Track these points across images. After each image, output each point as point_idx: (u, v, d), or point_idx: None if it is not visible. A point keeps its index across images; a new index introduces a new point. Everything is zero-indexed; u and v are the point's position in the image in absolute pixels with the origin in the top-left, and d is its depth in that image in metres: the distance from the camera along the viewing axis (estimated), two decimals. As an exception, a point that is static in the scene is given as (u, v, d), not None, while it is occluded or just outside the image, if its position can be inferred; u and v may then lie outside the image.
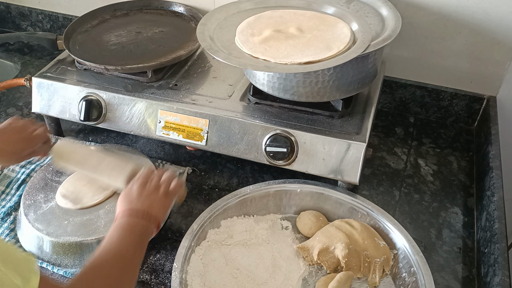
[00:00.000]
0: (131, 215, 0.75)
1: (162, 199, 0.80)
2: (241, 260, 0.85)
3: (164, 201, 0.80)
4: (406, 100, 1.21)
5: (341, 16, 0.98)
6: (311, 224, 0.90)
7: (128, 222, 0.74)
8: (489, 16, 1.04)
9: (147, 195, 0.78)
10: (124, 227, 0.73)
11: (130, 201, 0.78)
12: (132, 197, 0.78)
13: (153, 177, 0.83)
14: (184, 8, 1.25)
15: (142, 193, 0.79)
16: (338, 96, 0.95)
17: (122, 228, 0.72)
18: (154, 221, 0.76)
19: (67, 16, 1.45)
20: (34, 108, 1.10)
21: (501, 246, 0.81)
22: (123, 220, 0.74)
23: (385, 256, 0.83)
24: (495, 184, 0.92)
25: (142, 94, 1.02)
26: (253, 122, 0.95)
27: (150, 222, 0.76)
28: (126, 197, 0.79)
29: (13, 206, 0.96)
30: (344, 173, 0.92)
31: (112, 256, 0.68)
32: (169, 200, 0.81)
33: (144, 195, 0.78)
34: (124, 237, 0.71)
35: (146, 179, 0.82)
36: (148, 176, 0.83)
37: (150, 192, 0.79)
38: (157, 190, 0.80)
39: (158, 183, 0.82)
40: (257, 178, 1.03)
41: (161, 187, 0.81)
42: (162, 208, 0.80)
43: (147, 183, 0.81)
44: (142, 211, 0.75)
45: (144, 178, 0.82)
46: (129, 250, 0.70)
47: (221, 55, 0.88)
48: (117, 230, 0.72)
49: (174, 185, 0.83)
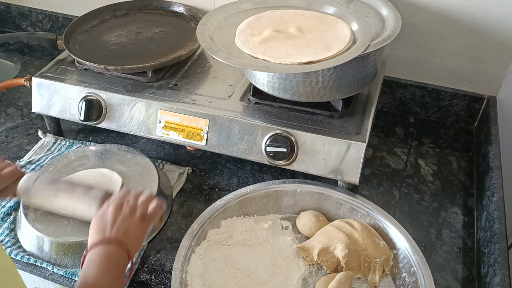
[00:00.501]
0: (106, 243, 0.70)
1: (139, 225, 0.74)
2: (241, 260, 0.85)
3: (141, 227, 0.74)
4: (406, 100, 1.21)
5: (341, 16, 0.98)
6: (311, 224, 0.90)
7: (104, 255, 0.69)
8: (489, 16, 1.04)
9: (122, 220, 0.73)
10: (100, 261, 0.68)
11: (104, 227, 0.72)
12: (106, 222, 0.72)
13: (129, 198, 0.77)
14: (184, 8, 1.25)
15: (117, 217, 0.73)
16: (338, 96, 0.95)
17: (98, 263, 0.67)
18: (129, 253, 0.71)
19: (67, 16, 1.45)
20: (34, 108, 1.10)
21: (501, 246, 0.81)
22: (97, 252, 0.69)
23: (385, 256, 0.83)
24: (495, 184, 0.92)
25: (142, 94, 1.02)
26: (253, 122, 0.95)
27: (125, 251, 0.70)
28: (100, 221, 0.73)
29: (13, 206, 0.96)
30: (344, 173, 0.92)
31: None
32: (145, 225, 0.75)
33: (120, 219, 0.73)
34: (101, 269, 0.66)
35: (121, 200, 0.76)
36: (124, 197, 0.77)
37: (125, 216, 0.73)
38: (133, 213, 0.74)
39: (135, 206, 0.76)
40: (257, 178, 1.03)
41: (137, 210, 0.75)
42: (138, 236, 0.74)
43: (123, 205, 0.75)
44: (117, 240, 0.70)
45: (119, 199, 0.76)
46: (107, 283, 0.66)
47: (221, 55, 0.88)
48: (93, 262, 0.67)
49: (152, 208, 0.77)
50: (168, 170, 1.04)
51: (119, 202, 0.76)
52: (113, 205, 0.75)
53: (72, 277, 0.84)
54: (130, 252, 0.71)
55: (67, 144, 1.11)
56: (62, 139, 1.13)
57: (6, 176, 0.82)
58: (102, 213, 0.74)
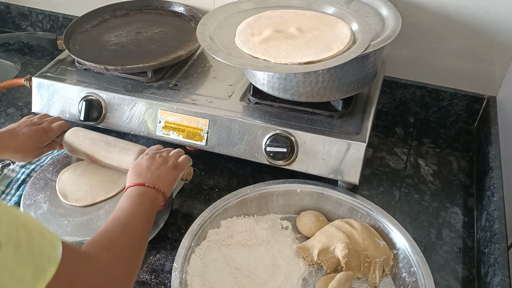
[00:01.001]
0: (140, 186, 0.78)
1: (170, 171, 0.83)
2: (241, 260, 0.85)
3: (172, 173, 0.84)
4: (406, 100, 1.21)
5: (341, 16, 0.98)
6: (311, 224, 0.90)
7: (138, 192, 0.77)
8: (489, 16, 1.04)
9: (156, 168, 0.82)
10: (134, 197, 0.76)
11: (139, 172, 0.81)
12: (142, 169, 0.82)
13: (163, 151, 0.88)
14: (184, 8, 1.25)
15: (151, 165, 0.83)
16: (338, 96, 0.95)
17: (133, 198, 0.75)
18: (162, 194, 0.79)
19: (67, 16, 1.46)
20: (34, 108, 1.10)
21: (501, 246, 0.81)
22: (132, 190, 0.77)
23: (385, 256, 0.83)
24: (495, 184, 0.92)
25: (142, 94, 1.02)
26: (253, 122, 0.95)
27: (159, 194, 0.79)
28: (136, 168, 0.83)
29: (13, 206, 0.96)
30: (344, 173, 0.92)
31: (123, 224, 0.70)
32: (177, 172, 0.85)
33: (153, 167, 0.82)
34: (134, 206, 0.74)
35: (155, 152, 0.87)
36: (157, 150, 0.88)
37: (159, 164, 0.83)
38: (165, 162, 0.84)
39: (166, 156, 0.86)
40: (257, 178, 1.03)
41: (169, 159, 0.85)
42: (170, 181, 0.83)
43: (156, 155, 0.86)
44: (151, 183, 0.79)
45: (153, 151, 0.87)
46: (139, 219, 0.72)
47: (221, 55, 0.88)
48: (127, 199, 0.75)
49: (182, 159, 0.88)
50: (168, 170, 1.04)
51: (153, 153, 0.87)
52: (148, 155, 0.86)
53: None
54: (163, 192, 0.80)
55: (67, 144, 1.11)
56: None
57: (57, 129, 0.95)
58: (138, 161, 0.85)
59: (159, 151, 0.88)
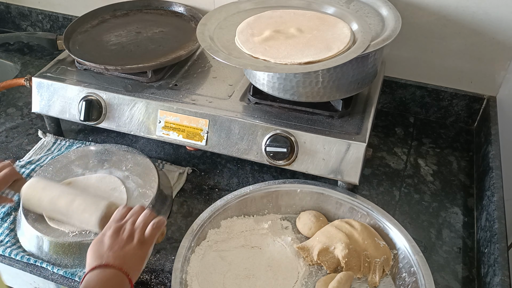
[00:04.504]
0: (104, 267, 0.69)
1: (137, 250, 0.73)
2: (241, 260, 0.85)
3: (139, 252, 0.73)
4: (406, 100, 1.21)
5: (341, 16, 0.98)
6: (311, 224, 0.90)
7: (102, 276, 0.68)
8: (489, 16, 1.04)
9: (119, 247, 0.72)
10: (98, 280, 0.67)
11: (100, 254, 0.71)
12: (103, 250, 0.71)
13: (127, 221, 0.76)
14: (184, 8, 1.25)
15: (114, 244, 0.72)
16: (338, 96, 0.95)
17: (96, 282, 0.67)
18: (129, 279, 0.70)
19: (67, 16, 1.46)
20: (34, 108, 1.10)
21: (501, 246, 0.81)
22: (95, 273, 0.68)
23: (385, 256, 0.83)
24: (495, 184, 0.92)
25: (142, 94, 1.02)
26: (253, 122, 0.95)
27: (124, 274, 0.70)
28: (97, 249, 0.72)
29: (13, 206, 0.96)
30: (344, 173, 0.92)
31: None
32: (144, 249, 0.74)
33: (116, 247, 0.72)
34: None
35: (119, 224, 0.76)
36: (121, 219, 0.77)
37: (123, 242, 0.73)
38: (131, 239, 0.74)
39: (132, 230, 0.75)
40: (257, 178, 1.03)
41: (135, 235, 0.74)
42: (137, 262, 0.73)
43: (121, 229, 0.75)
44: (117, 266, 0.69)
45: (116, 223, 0.76)
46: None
47: (221, 55, 0.88)
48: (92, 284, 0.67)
49: (150, 230, 0.76)
50: (168, 170, 1.04)
51: (117, 226, 0.75)
52: (110, 231, 0.74)
53: (72, 277, 0.84)
54: (129, 276, 0.70)
55: (67, 144, 1.11)
56: (62, 139, 1.13)
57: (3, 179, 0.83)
58: (100, 238, 0.74)
59: (123, 221, 0.76)
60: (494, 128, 1.05)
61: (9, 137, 1.15)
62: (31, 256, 0.87)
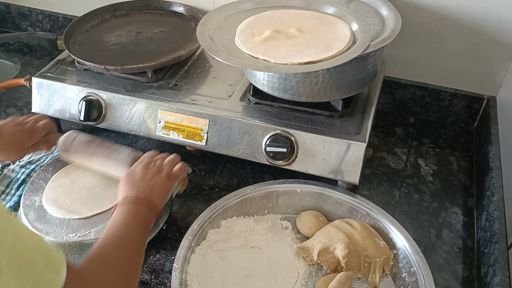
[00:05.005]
0: (134, 202, 0.75)
1: (164, 181, 0.81)
2: (241, 260, 0.85)
3: (166, 184, 0.81)
4: (406, 100, 1.21)
5: (341, 16, 0.98)
6: (311, 224, 0.90)
7: (132, 209, 0.74)
8: (489, 16, 1.04)
9: (149, 178, 0.80)
10: (127, 212, 0.73)
11: (132, 184, 0.78)
12: (135, 179, 0.79)
13: (157, 158, 0.85)
14: (184, 8, 1.25)
15: (145, 175, 0.80)
16: (338, 96, 0.95)
17: (126, 214, 0.73)
18: (155, 209, 0.77)
19: (67, 16, 1.46)
20: (34, 108, 1.10)
21: (501, 246, 0.81)
22: (126, 206, 0.75)
23: (385, 256, 0.83)
24: (495, 184, 0.92)
25: (142, 94, 1.02)
26: (253, 122, 0.95)
27: (152, 210, 0.76)
28: (129, 178, 0.80)
29: (13, 206, 0.96)
30: (344, 173, 0.92)
31: (117, 240, 0.68)
32: (171, 182, 0.82)
33: (147, 177, 0.80)
34: (128, 223, 0.71)
35: (149, 160, 0.84)
36: (152, 157, 0.85)
37: (153, 174, 0.81)
38: (159, 171, 0.82)
39: (161, 165, 0.83)
40: (257, 178, 1.03)
41: (163, 168, 0.82)
42: (163, 193, 0.80)
43: (151, 164, 0.83)
44: (144, 198, 0.76)
45: (148, 158, 0.84)
46: (132, 234, 0.70)
47: (221, 55, 0.88)
48: (121, 214, 0.73)
49: (177, 168, 0.84)
50: (168, 170, 1.04)
51: (147, 161, 0.83)
52: (142, 164, 0.83)
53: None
54: (156, 206, 0.77)
55: (67, 144, 1.11)
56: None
57: (41, 129, 0.91)
58: (132, 170, 0.82)
59: (154, 159, 0.85)
60: (494, 128, 1.05)
61: (9, 137, 1.15)
62: (31, 256, 0.87)
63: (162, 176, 0.81)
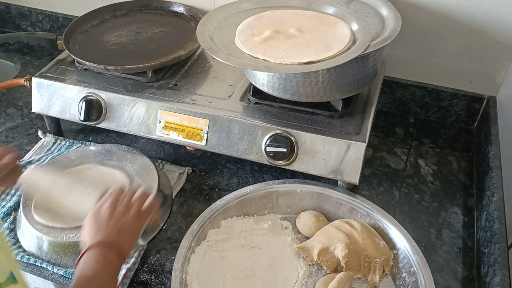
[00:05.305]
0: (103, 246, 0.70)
1: (133, 222, 0.74)
2: (241, 260, 0.85)
3: (135, 224, 0.75)
4: (406, 100, 1.21)
5: (341, 16, 0.98)
6: (311, 224, 0.90)
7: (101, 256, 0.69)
8: (489, 16, 1.04)
9: (116, 218, 0.73)
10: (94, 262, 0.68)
11: (98, 225, 0.72)
12: (101, 221, 0.73)
13: (124, 195, 0.77)
14: (184, 8, 1.25)
15: (112, 215, 0.73)
16: (338, 96, 0.95)
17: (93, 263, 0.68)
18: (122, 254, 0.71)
19: (67, 16, 1.45)
20: (34, 108, 1.10)
21: (501, 246, 0.81)
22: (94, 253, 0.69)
23: (385, 256, 0.83)
24: (495, 184, 0.92)
25: (142, 94, 1.02)
26: (253, 122, 0.95)
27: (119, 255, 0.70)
28: (95, 219, 0.73)
29: (13, 206, 0.96)
30: (344, 173, 0.92)
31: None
32: (141, 222, 0.76)
33: (114, 218, 0.73)
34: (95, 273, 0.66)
35: (116, 197, 0.77)
36: (119, 194, 0.77)
37: (120, 213, 0.74)
38: (128, 210, 0.75)
39: (129, 203, 0.76)
40: (257, 178, 1.03)
41: (132, 207, 0.76)
42: (133, 233, 0.75)
43: (118, 202, 0.76)
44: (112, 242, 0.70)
45: (114, 196, 0.77)
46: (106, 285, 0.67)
47: (221, 55, 0.88)
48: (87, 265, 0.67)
49: (147, 205, 0.77)
50: (168, 170, 1.04)
51: (114, 199, 0.76)
52: (108, 202, 0.75)
53: (72, 277, 0.84)
54: (124, 251, 0.71)
55: (67, 144, 1.11)
56: (62, 139, 1.13)
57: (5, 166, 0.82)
58: (97, 210, 0.75)
59: (121, 197, 0.77)
60: (494, 128, 1.05)
61: (9, 137, 1.15)
62: (31, 256, 0.87)
63: (131, 216, 0.74)
